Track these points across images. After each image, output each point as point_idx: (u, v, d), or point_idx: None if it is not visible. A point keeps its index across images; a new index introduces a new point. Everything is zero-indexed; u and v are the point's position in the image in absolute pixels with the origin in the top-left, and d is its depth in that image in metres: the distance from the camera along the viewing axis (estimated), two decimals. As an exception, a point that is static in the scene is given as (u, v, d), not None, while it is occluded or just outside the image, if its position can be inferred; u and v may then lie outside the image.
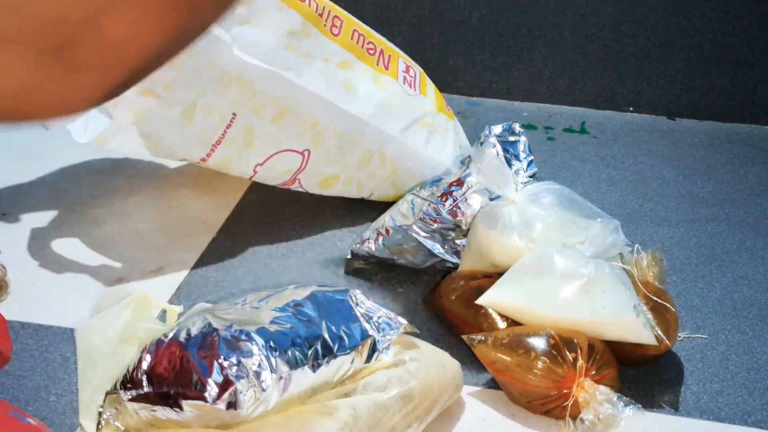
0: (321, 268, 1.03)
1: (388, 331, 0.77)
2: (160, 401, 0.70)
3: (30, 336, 0.89)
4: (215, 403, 0.67)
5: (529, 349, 0.78)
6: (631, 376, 0.85)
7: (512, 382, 0.79)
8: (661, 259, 0.93)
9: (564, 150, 1.33)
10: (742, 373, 0.88)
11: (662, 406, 0.83)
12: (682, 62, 1.42)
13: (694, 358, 0.89)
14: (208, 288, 0.98)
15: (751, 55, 1.39)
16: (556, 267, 0.82)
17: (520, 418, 0.81)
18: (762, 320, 0.96)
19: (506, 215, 0.88)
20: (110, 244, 1.05)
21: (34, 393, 0.82)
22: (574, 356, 0.77)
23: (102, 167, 1.22)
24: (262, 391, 0.69)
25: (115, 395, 0.73)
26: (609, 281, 0.81)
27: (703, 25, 1.39)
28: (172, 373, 0.70)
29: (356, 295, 0.78)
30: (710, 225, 1.14)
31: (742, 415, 0.82)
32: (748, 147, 1.36)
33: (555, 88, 1.47)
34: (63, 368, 0.85)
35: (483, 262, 0.91)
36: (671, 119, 1.45)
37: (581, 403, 0.76)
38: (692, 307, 0.98)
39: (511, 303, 0.84)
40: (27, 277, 0.99)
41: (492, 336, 0.81)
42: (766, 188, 1.24)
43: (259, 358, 0.69)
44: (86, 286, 0.97)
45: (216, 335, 0.70)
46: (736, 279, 1.03)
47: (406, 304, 0.96)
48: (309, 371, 0.72)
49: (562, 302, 0.81)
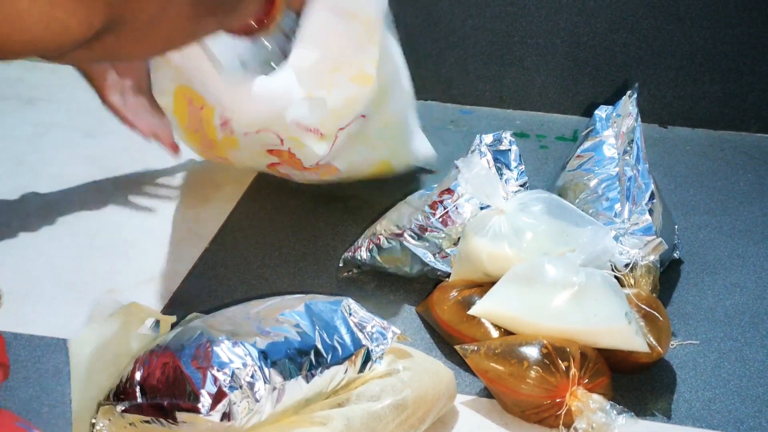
0: (314, 278, 1.03)
1: (382, 340, 0.77)
2: (153, 412, 0.70)
3: (23, 347, 0.89)
4: (209, 414, 0.67)
5: (522, 358, 0.78)
6: (623, 384, 0.85)
7: (505, 392, 0.79)
8: (654, 268, 0.93)
9: (557, 158, 1.33)
10: (735, 381, 0.88)
11: (655, 414, 0.83)
12: (673, 70, 1.42)
13: (686, 366, 0.90)
14: (201, 298, 0.98)
15: (743, 64, 1.40)
16: (548, 276, 0.82)
17: (513, 427, 0.81)
18: (754, 328, 0.96)
19: (496, 225, 0.88)
20: (103, 255, 1.05)
21: (27, 404, 0.82)
22: (566, 365, 0.77)
23: (95, 178, 1.22)
24: (256, 402, 0.69)
25: (108, 406, 0.73)
26: (600, 289, 0.82)
27: (695, 33, 1.40)
28: (165, 383, 0.70)
29: (349, 305, 0.79)
30: (702, 232, 1.14)
31: (735, 422, 0.83)
32: (740, 155, 1.36)
33: (547, 97, 1.47)
34: (56, 379, 0.85)
35: (474, 271, 0.91)
36: (663, 127, 1.45)
37: (574, 411, 0.77)
38: (684, 314, 0.98)
39: (502, 313, 0.84)
40: (19, 288, 0.99)
41: (485, 346, 0.81)
42: (757, 196, 1.24)
43: (252, 369, 0.69)
44: (79, 297, 0.97)
45: (209, 345, 0.70)
46: (728, 287, 1.03)
47: (399, 314, 0.96)
48: (302, 382, 0.72)
49: (554, 311, 0.81)
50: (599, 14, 1.42)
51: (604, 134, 1.07)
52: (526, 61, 1.47)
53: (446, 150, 1.33)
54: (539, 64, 1.46)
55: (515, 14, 1.44)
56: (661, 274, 0.96)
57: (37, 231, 1.10)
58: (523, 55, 1.46)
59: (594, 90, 1.46)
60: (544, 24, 1.44)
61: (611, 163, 1.03)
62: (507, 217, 0.89)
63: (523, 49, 1.46)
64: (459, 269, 0.93)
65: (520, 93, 1.48)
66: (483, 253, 0.89)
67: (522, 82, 1.48)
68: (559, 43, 1.44)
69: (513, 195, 0.94)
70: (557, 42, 1.45)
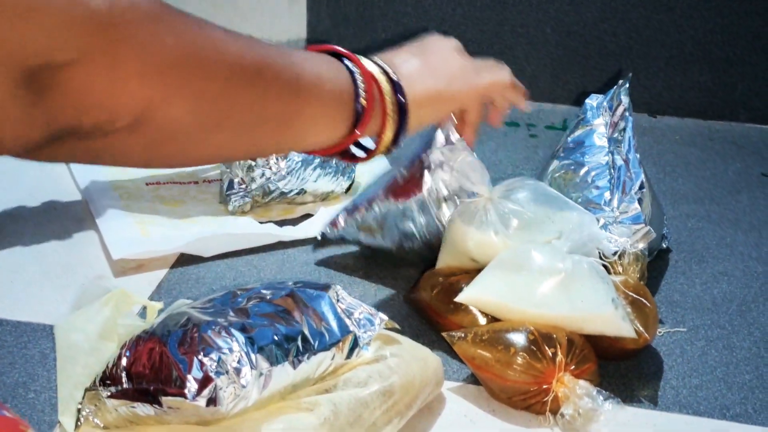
0: (302, 265, 1.03)
1: (369, 327, 0.77)
2: (139, 398, 0.70)
3: (8, 333, 0.89)
4: (195, 399, 0.67)
5: (509, 345, 0.79)
6: (610, 371, 0.86)
7: (492, 378, 0.79)
8: (642, 256, 0.93)
9: (546, 147, 1.33)
10: (721, 368, 0.88)
11: (641, 401, 0.83)
12: (663, 60, 1.43)
13: (673, 353, 0.90)
14: (188, 285, 0.98)
15: (732, 53, 1.40)
16: (534, 263, 0.82)
17: (500, 413, 0.81)
18: (741, 316, 0.96)
19: (482, 212, 0.89)
20: (90, 242, 1.05)
21: (13, 390, 0.81)
22: (553, 351, 0.77)
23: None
24: (242, 388, 0.68)
25: (95, 392, 0.72)
26: (587, 276, 0.82)
27: (684, 22, 1.40)
28: (151, 369, 0.70)
29: (337, 292, 0.78)
30: (690, 221, 1.15)
31: (721, 409, 0.83)
32: (729, 144, 1.37)
33: (537, 86, 1.47)
34: (42, 365, 0.85)
35: (461, 258, 0.91)
36: (652, 116, 1.45)
37: (561, 397, 0.77)
38: (672, 302, 0.98)
39: (489, 299, 0.84)
40: (5, 274, 0.98)
41: (472, 332, 0.81)
42: (745, 185, 1.25)
43: (239, 355, 0.69)
44: (66, 284, 0.97)
45: (196, 331, 0.70)
46: (716, 275, 1.03)
47: (386, 301, 0.96)
48: (289, 367, 0.72)
49: (540, 298, 0.81)
50: (589, 4, 1.42)
51: (594, 123, 1.07)
52: (516, 50, 1.47)
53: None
54: (529, 53, 1.46)
55: (505, 3, 1.44)
56: (648, 262, 0.96)
57: (23, 218, 1.09)
58: (513, 44, 1.46)
59: (584, 79, 1.46)
60: (535, 13, 1.44)
61: (601, 152, 1.03)
62: (493, 204, 0.89)
63: (513, 38, 1.46)
64: (445, 256, 0.93)
65: (509, 82, 1.48)
66: (470, 240, 0.89)
67: (512, 71, 1.48)
68: (549, 32, 1.45)
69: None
70: (547, 31, 1.45)
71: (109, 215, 1.06)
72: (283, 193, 1.10)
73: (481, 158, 0.94)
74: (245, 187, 1.08)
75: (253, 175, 1.08)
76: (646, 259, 0.94)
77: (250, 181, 1.08)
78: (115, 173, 1.15)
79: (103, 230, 1.03)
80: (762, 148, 1.36)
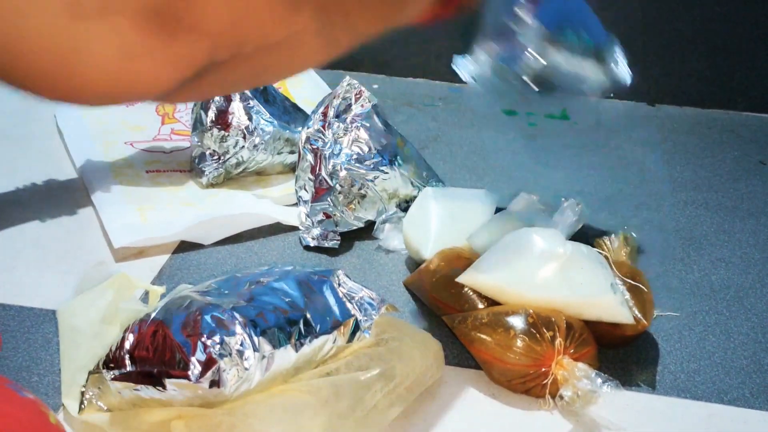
0: (303, 250, 1.03)
1: (371, 311, 0.77)
2: (143, 380, 0.70)
3: (12, 318, 0.89)
4: (198, 381, 0.68)
5: (508, 327, 0.79)
6: (609, 357, 0.86)
7: (492, 361, 0.80)
8: (632, 239, 0.94)
9: (545, 135, 1.33)
10: (719, 353, 0.89)
11: (640, 385, 0.84)
12: (661, 48, 1.43)
13: (671, 339, 0.91)
14: (190, 270, 0.99)
15: (730, 42, 1.41)
16: (535, 247, 0.83)
17: (500, 397, 0.82)
18: (738, 302, 0.97)
19: None
20: (91, 227, 1.05)
21: (16, 374, 0.82)
22: (552, 334, 0.78)
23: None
24: (245, 370, 0.69)
25: (98, 375, 0.73)
26: (586, 261, 0.82)
27: (683, 11, 1.40)
28: (154, 352, 0.70)
29: (339, 276, 0.79)
30: (689, 208, 1.15)
31: (719, 393, 0.84)
32: (727, 132, 1.37)
33: (536, 74, 1.48)
34: (45, 349, 0.85)
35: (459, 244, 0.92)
36: (651, 105, 1.46)
37: (560, 380, 0.77)
38: (670, 288, 0.99)
39: (490, 282, 0.84)
40: (7, 260, 0.99)
41: (472, 316, 0.82)
42: (743, 173, 1.25)
43: (242, 337, 0.70)
44: (68, 269, 0.97)
45: (199, 314, 0.71)
46: (714, 261, 1.04)
47: (388, 285, 0.97)
48: (291, 350, 0.72)
49: (540, 282, 0.82)
50: (588, -8, 1.42)
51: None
52: (515, 39, 1.47)
53: (435, 126, 1.34)
54: (528, 41, 1.46)
55: (505, -9, 1.44)
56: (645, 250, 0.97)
57: (25, 204, 1.10)
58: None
59: (582, 68, 1.46)
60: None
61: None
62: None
63: (512, 26, 1.46)
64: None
65: (509, 70, 1.48)
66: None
67: (511, 60, 1.48)
68: (548, 20, 1.45)
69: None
70: (546, 19, 1.45)
71: (109, 201, 1.07)
72: (257, 162, 1.11)
73: (481, 146, 0.95)
74: (217, 158, 1.09)
75: (225, 144, 1.09)
76: (635, 241, 0.95)
77: (224, 152, 1.09)
78: (116, 159, 1.16)
79: (104, 217, 1.04)
80: (760, 136, 1.36)
